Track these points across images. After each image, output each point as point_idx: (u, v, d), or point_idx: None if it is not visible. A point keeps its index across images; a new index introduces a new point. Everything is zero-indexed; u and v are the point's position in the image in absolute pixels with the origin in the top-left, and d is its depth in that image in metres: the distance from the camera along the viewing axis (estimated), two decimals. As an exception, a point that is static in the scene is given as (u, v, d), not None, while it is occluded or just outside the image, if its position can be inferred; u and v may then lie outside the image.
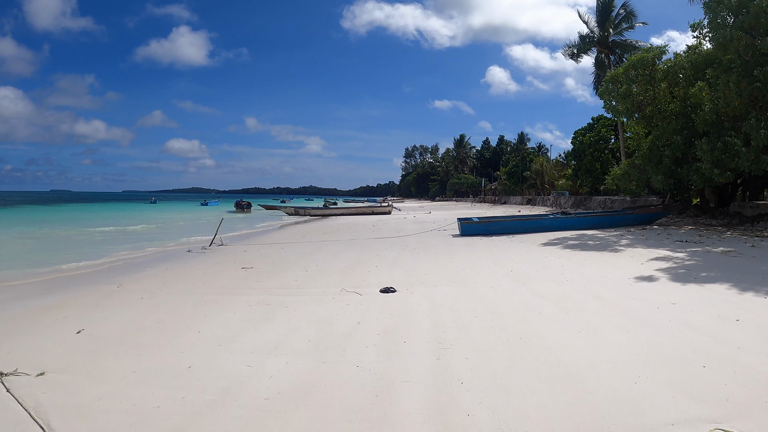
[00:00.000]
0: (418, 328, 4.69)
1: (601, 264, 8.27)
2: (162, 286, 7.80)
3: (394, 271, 8.15)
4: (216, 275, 8.61)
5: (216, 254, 11.82)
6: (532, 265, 8.37)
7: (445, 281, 7.10)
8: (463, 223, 14.41)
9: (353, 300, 6.04)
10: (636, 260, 8.55)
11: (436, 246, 11.93)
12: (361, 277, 7.76)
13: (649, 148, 15.36)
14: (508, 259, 9.17)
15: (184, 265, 10.10)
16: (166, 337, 4.78)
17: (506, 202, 51.78)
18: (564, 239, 12.22)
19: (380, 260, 9.64)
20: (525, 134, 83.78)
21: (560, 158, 55.69)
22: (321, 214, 33.83)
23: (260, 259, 10.60)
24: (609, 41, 26.71)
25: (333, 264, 9.35)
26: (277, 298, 6.34)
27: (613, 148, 29.90)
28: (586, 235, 13.09)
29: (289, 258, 10.53)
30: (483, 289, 6.46)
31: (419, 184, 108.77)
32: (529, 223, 14.40)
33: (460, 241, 13.05)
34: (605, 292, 6.04)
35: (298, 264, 9.53)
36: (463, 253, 10.43)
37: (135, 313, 5.91)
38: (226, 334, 4.84)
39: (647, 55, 14.82)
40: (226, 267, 9.50)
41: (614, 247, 10.36)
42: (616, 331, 4.46)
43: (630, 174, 15.60)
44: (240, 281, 7.87)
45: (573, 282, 6.79)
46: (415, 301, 5.82)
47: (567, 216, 15.05)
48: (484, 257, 9.60)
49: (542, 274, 7.45)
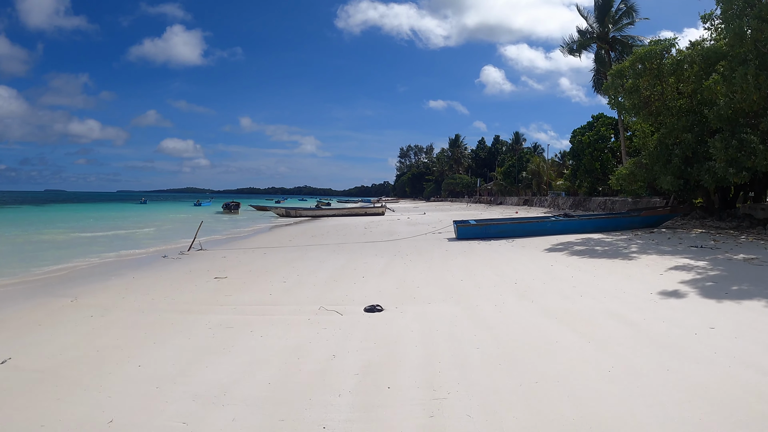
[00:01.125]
0: (406, 365, 3.76)
1: (616, 274, 7.38)
2: (121, 300, 6.86)
3: (382, 283, 7.21)
4: (184, 287, 7.66)
5: (192, 261, 10.85)
6: (538, 276, 7.45)
7: (440, 297, 6.17)
8: (460, 226, 13.49)
9: (332, 322, 5.10)
10: (653, 270, 7.67)
11: (431, 252, 11.01)
12: (345, 290, 6.82)
13: (657, 147, 14.52)
14: (511, 269, 8.25)
15: (154, 274, 9.12)
16: (99, 373, 3.86)
17: (502, 202, 50.97)
18: (569, 244, 11.33)
19: (368, 269, 8.70)
20: (521, 134, 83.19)
21: (556, 158, 55.04)
22: (313, 215, 32.85)
23: (238, 266, 9.64)
24: (609, 37, 25.89)
25: (316, 273, 8.41)
26: (244, 319, 5.40)
27: (612, 148, 29.12)
28: (591, 239, 12.21)
29: (268, 266, 9.57)
30: (485, 307, 5.53)
31: (414, 185, 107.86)
32: (530, 226, 13.51)
33: (457, 245, 12.14)
34: (629, 312, 5.14)
35: (277, 273, 8.58)
36: (460, 260, 9.51)
37: (76, 337, 4.98)
38: (171, 369, 3.91)
39: (655, 47, 13.96)
40: (197, 276, 8.54)
41: (626, 254, 9.47)
42: (654, 370, 3.56)
43: (636, 174, 14.75)
44: (208, 295, 6.92)
45: (588, 298, 5.88)
46: (404, 325, 4.89)
47: (570, 218, 14.16)
48: (483, 265, 8.68)
49: (551, 288, 6.54)
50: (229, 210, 37.84)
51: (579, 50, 25.86)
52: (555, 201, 34.64)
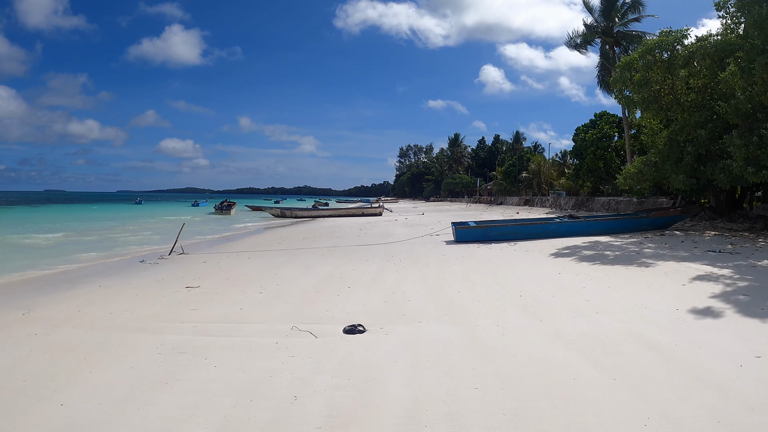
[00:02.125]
0: (384, 414, 2.95)
1: (634, 285, 6.56)
2: (76, 313, 6.09)
3: (369, 295, 6.40)
4: (150, 297, 6.87)
5: (169, 266, 10.05)
6: (545, 286, 6.63)
7: (433, 313, 5.35)
8: (458, 228, 12.67)
9: (303, 347, 4.29)
10: (674, 279, 6.85)
11: (427, 257, 10.19)
12: (326, 303, 6.01)
13: (667, 144, 13.70)
14: (515, 277, 7.43)
15: (123, 282, 8.32)
16: (9, 415, 3.09)
17: (503, 202, 50.12)
18: (576, 248, 10.52)
19: (357, 277, 7.89)
20: (521, 133, 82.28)
21: (557, 158, 54.24)
22: (308, 215, 32.05)
23: (216, 273, 8.84)
24: (614, 32, 25.06)
25: (298, 282, 7.60)
26: (202, 341, 4.60)
27: (616, 146, 28.26)
28: (599, 242, 11.39)
29: (249, 272, 8.76)
30: (485, 328, 4.72)
31: (413, 184, 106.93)
32: (533, 228, 12.68)
33: (455, 249, 11.33)
34: (657, 336, 4.32)
35: (256, 281, 7.77)
36: (458, 266, 8.69)
37: (8, 362, 4.32)
38: (95, 413, 3.13)
39: (667, 38, 13.13)
40: (168, 285, 7.75)
41: (639, 260, 8.65)
42: (702, 422, 2.75)
43: (645, 173, 13.92)
44: (173, 308, 6.13)
45: (605, 315, 5.06)
46: (388, 352, 4.08)
47: (575, 220, 13.33)
48: (484, 273, 7.87)
49: (561, 301, 5.72)
50: (222, 211, 36.97)
51: (583, 45, 25.01)
52: (557, 201, 33.79)
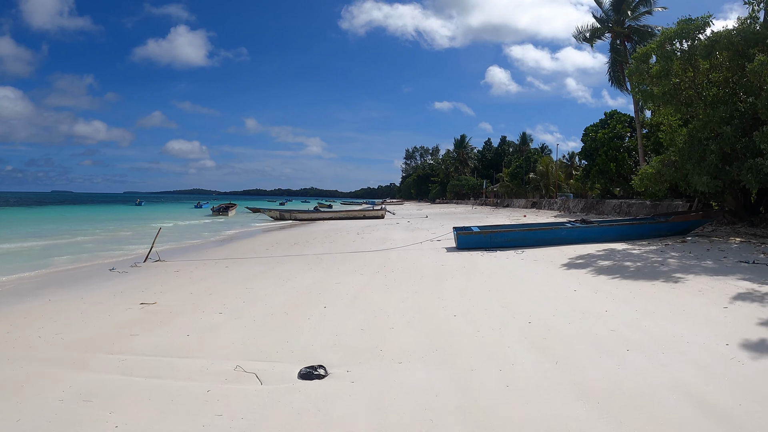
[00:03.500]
0: None
1: (666, 307, 5.43)
2: (3, 335, 5.15)
3: (346, 319, 5.33)
4: (94, 316, 5.88)
5: (136, 276, 9.07)
6: (559, 308, 5.52)
7: (418, 349, 4.24)
8: (460, 234, 11.54)
9: (240, 399, 3.23)
10: (712, 299, 5.72)
11: (423, 268, 9.10)
12: (291, 329, 4.95)
13: (688, 142, 12.52)
14: (523, 296, 6.32)
15: (76, 296, 7.33)
16: None
17: (509, 205, 48.86)
18: (590, 257, 9.38)
19: (338, 293, 6.82)
20: (528, 135, 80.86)
21: (564, 159, 53.02)
22: (308, 218, 31.08)
23: (182, 285, 7.82)
24: (625, 26, 23.85)
25: (269, 299, 6.54)
26: (120, 383, 3.57)
27: (628, 146, 27.01)
28: (615, 250, 10.25)
29: (219, 285, 7.73)
30: (484, 373, 3.61)
31: (419, 186, 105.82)
32: (543, 234, 11.53)
33: (456, 258, 10.23)
34: (711, 389, 3.20)
35: (221, 297, 6.74)
36: (457, 280, 7.59)
37: None
38: None
39: (688, 26, 11.97)
40: (123, 300, 6.74)
41: (665, 273, 7.51)
42: None
43: (664, 174, 12.75)
44: (110, 332, 5.12)
45: (639, 354, 3.95)
46: (347, 414, 2.99)
47: (588, 225, 12.17)
48: (486, 289, 6.76)
49: (581, 332, 4.61)
50: (219, 213, 36.03)
51: (593, 39, 23.82)
52: (565, 204, 32.55)
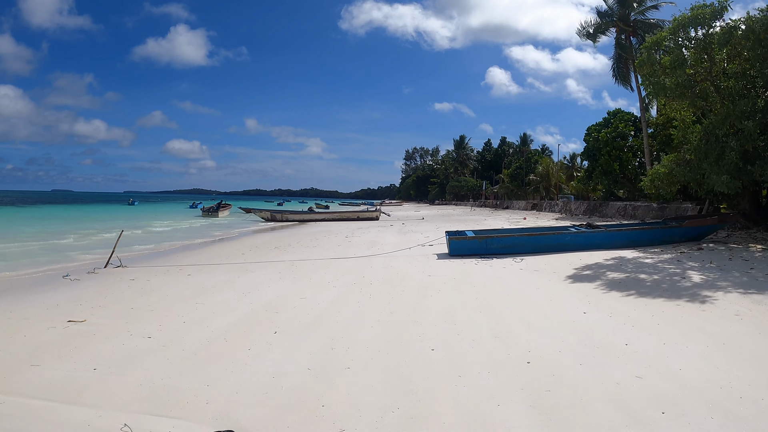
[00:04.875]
0: None
1: (699, 341, 4.30)
2: None
3: (294, 352, 4.20)
4: (7, 338, 4.81)
5: (86, 284, 7.99)
6: (567, 340, 4.38)
7: (372, 408, 3.09)
8: (453, 239, 10.40)
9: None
10: (756, 326, 4.60)
11: (407, 278, 7.97)
12: (222, 366, 3.83)
13: (703, 139, 11.41)
14: (521, 320, 5.17)
15: (6, 308, 6.21)
16: None
17: (509, 206, 47.73)
18: (598, 268, 8.27)
19: (299, 311, 5.71)
20: (528, 136, 79.66)
21: (565, 161, 51.92)
22: (300, 219, 29.99)
23: (127, 298, 6.71)
24: (631, 20, 22.75)
25: (214, 319, 5.43)
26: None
27: (632, 146, 25.87)
28: (625, 258, 9.13)
29: (167, 299, 6.62)
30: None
31: (419, 187, 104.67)
32: (544, 239, 10.39)
33: (446, 267, 9.12)
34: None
35: (162, 314, 5.63)
36: (443, 297, 6.46)
37: None
38: None
39: (703, 11, 10.87)
40: (52, 316, 5.66)
41: (688, 289, 6.39)
42: None
43: (677, 174, 11.63)
44: (10, 359, 4.15)
45: (681, 422, 2.83)
46: None
47: (594, 230, 11.04)
48: (477, 312, 5.63)
49: (598, 380, 3.48)
50: (210, 214, 34.89)
51: (597, 34, 22.70)
52: (566, 206, 31.40)
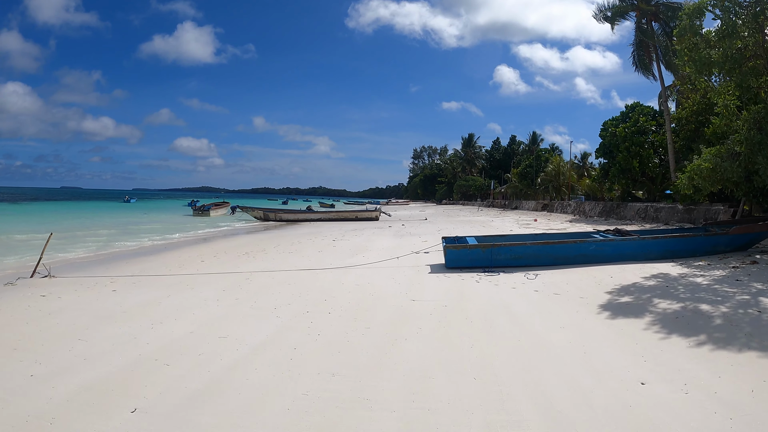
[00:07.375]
0: None
1: None
2: None
3: None
4: None
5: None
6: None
7: None
8: (450, 248, 8.45)
9: None
10: None
11: (378, 305, 6.06)
12: None
13: (753, 129, 9.39)
14: (543, 400, 3.25)
15: None
16: None
17: (518, 207, 45.62)
18: (639, 290, 6.31)
19: (209, 357, 3.85)
20: (538, 135, 77.13)
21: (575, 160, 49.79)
22: (293, 219, 28.27)
23: (8, 325, 4.89)
24: (653, 2, 20.63)
25: (82, 367, 3.57)
26: None
27: (653, 142, 23.73)
28: (670, 277, 7.15)
29: (60, 326, 4.79)
30: None
31: (426, 186, 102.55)
32: (564, 249, 8.42)
33: (438, 285, 7.21)
34: None
35: (26, 355, 3.79)
36: (420, 345, 4.54)
37: None
38: None
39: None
40: None
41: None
42: None
43: (724, 169, 9.61)
44: None
45: None
46: None
47: (625, 238, 9.04)
48: (470, 377, 3.71)
49: None
50: (201, 213, 33.30)
51: (615, 17, 20.59)
52: (580, 207, 29.28)
